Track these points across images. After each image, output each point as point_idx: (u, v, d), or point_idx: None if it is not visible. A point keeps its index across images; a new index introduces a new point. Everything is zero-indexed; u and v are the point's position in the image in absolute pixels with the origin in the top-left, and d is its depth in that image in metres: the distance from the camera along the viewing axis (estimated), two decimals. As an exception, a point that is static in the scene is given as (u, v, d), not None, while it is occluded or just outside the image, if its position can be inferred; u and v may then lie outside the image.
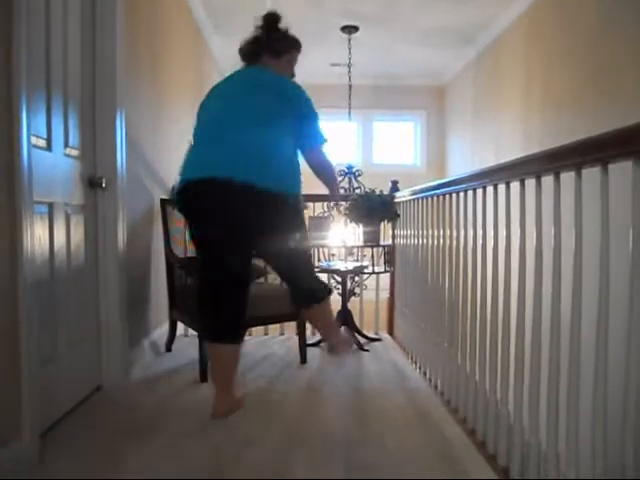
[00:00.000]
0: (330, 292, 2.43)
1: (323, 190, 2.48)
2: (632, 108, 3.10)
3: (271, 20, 2.35)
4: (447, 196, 2.55)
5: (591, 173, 1.35)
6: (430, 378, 2.75)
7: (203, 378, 2.67)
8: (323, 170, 2.32)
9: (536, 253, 1.63)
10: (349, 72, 5.53)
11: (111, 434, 2.07)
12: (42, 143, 2.00)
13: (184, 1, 4.25)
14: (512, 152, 4.81)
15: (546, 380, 1.57)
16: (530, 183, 1.66)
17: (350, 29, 5.26)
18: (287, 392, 2.58)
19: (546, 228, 1.59)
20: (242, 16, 2.34)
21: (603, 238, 1.32)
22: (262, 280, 3.44)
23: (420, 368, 2.96)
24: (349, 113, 5.72)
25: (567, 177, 1.47)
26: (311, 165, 2.28)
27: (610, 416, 1.32)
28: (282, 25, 2.37)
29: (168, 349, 3.24)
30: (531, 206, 1.65)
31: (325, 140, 2.27)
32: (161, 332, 3.34)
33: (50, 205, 2.07)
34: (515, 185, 1.77)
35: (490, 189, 2.00)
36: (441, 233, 2.64)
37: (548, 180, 1.55)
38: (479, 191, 2.11)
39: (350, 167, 5.42)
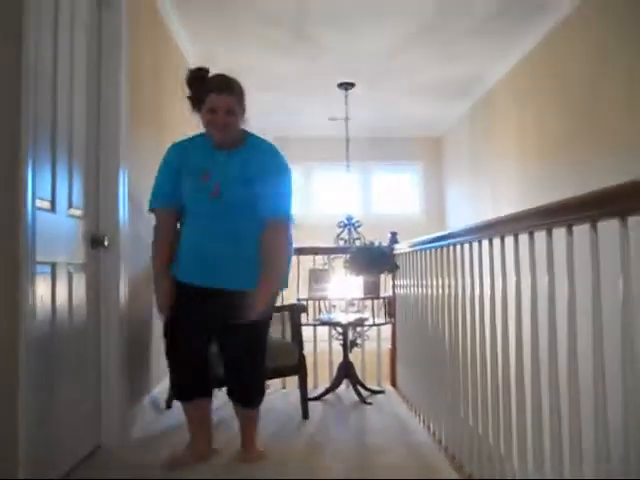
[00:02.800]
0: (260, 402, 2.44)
1: (323, 242, 2.51)
2: (625, 158, 3.17)
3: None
4: (444, 249, 2.58)
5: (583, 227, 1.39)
6: (434, 432, 2.72)
7: (204, 436, 2.63)
8: None
9: (531, 305, 1.65)
10: (346, 126, 5.66)
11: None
12: (46, 205, 2.05)
13: (184, 60, 4.40)
14: (509, 202, 4.89)
15: (548, 433, 1.56)
16: (523, 238, 1.70)
17: (347, 85, 5.41)
18: (289, 450, 2.54)
19: (541, 280, 1.62)
20: (241, 76, 2.43)
21: (594, 290, 1.34)
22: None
23: (424, 421, 2.92)
24: (347, 165, 5.83)
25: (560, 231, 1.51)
26: None
27: (613, 465, 1.31)
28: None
29: (168, 406, 3.20)
30: (525, 259, 1.68)
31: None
32: (162, 388, 3.31)
33: (53, 265, 2.10)
34: (511, 238, 1.80)
35: (485, 243, 2.03)
36: (440, 285, 2.66)
37: (542, 235, 1.59)
38: (475, 244, 2.14)
39: (350, 218, 5.49)
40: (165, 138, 3.69)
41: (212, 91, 2.16)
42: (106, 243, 2.49)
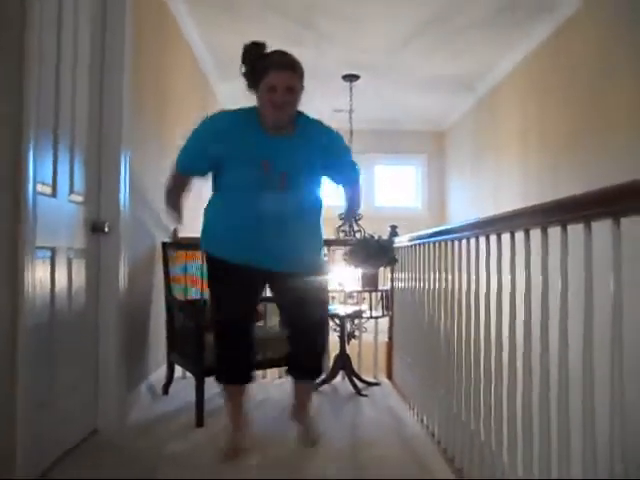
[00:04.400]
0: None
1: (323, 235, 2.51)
2: (627, 156, 3.17)
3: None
4: (443, 243, 2.59)
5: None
6: (427, 425, 2.74)
7: (199, 423, 2.66)
8: None
9: (524, 303, 1.66)
10: (350, 118, 5.66)
11: (107, 479, 2.06)
12: (47, 190, 2.06)
13: (189, 46, 4.39)
14: (510, 198, 4.89)
15: (538, 429, 1.58)
16: (520, 235, 1.71)
17: (351, 77, 5.41)
18: (283, 441, 2.56)
19: (535, 278, 1.63)
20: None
21: (587, 287, 1.35)
22: (261, 323, 3.46)
23: (418, 414, 2.95)
24: (350, 157, 5.82)
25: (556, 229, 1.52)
26: None
27: (601, 464, 1.33)
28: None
29: (165, 392, 3.23)
30: (521, 257, 1.70)
31: None
32: (159, 374, 3.34)
33: (53, 250, 2.12)
34: (508, 235, 1.81)
35: (482, 239, 2.04)
36: (437, 279, 2.67)
37: (538, 232, 1.60)
38: (472, 241, 2.15)
39: (351, 210, 5.48)
40: (168, 123, 3.71)
41: (272, 68, 2.03)
42: (106, 229, 2.50)
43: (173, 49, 3.93)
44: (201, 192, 2.60)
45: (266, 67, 2.04)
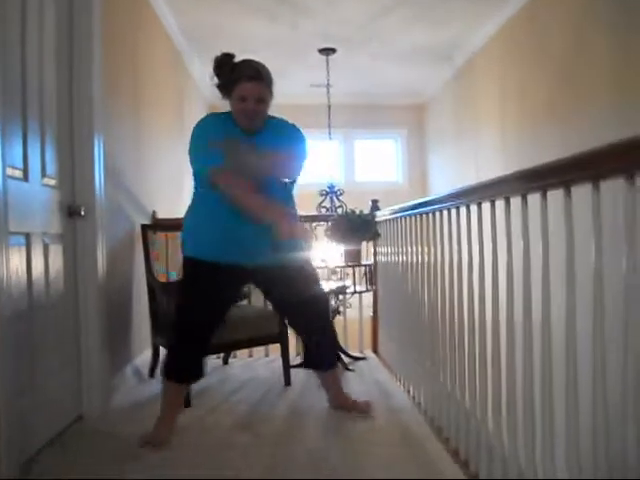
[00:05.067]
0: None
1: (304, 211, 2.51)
2: (604, 124, 3.18)
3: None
4: (425, 215, 2.59)
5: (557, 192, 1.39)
6: (414, 396, 2.76)
7: (186, 404, 2.65)
8: None
9: (507, 270, 1.66)
10: (328, 93, 5.59)
11: (92, 464, 2.05)
12: (18, 174, 2.01)
13: (162, 25, 4.29)
14: (492, 168, 4.89)
15: (521, 398, 1.59)
16: (500, 204, 1.70)
17: (328, 51, 5.33)
18: (271, 416, 2.57)
19: (516, 245, 1.63)
20: (221, 41, 2.40)
21: (568, 253, 1.35)
22: (245, 302, 3.45)
23: (404, 386, 2.97)
24: (329, 133, 5.78)
25: (536, 196, 1.51)
26: None
27: (583, 432, 1.34)
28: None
29: (151, 375, 3.21)
30: (501, 225, 1.69)
31: None
32: (144, 358, 3.32)
33: (27, 235, 2.07)
34: (489, 205, 1.81)
35: (463, 209, 2.03)
36: (420, 251, 2.67)
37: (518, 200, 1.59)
38: (453, 211, 2.14)
39: (332, 186, 5.47)
40: (144, 104, 3.63)
41: (242, 79, 2.14)
42: (82, 213, 2.45)
43: (147, 28, 3.84)
44: (182, 169, 2.55)
45: (236, 79, 2.15)
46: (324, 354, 2.61)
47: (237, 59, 2.20)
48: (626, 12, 3.07)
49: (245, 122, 2.21)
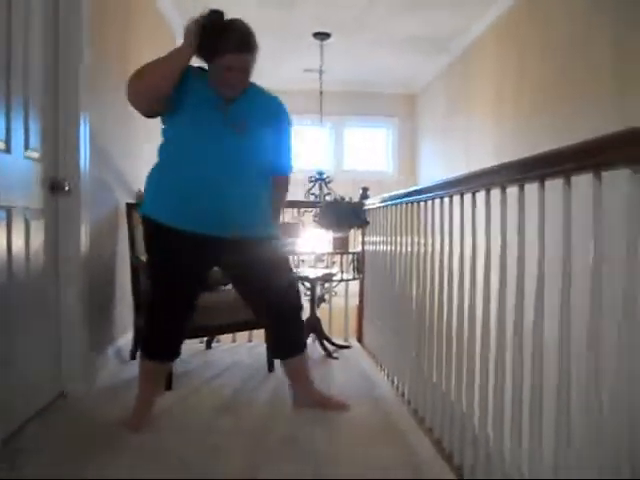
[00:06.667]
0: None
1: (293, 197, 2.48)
2: (605, 116, 3.14)
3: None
4: (415, 204, 2.55)
5: (557, 182, 1.36)
6: (398, 387, 2.75)
7: (167, 386, 2.61)
8: None
9: (500, 262, 1.63)
10: (320, 79, 5.53)
11: (74, 442, 2.02)
12: (1, 145, 1.94)
13: (154, 4, 4.19)
14: (483, 160, 4.86)
15: (510, 390, 1.57)
16: (495, 193, 1.67)
17: (322, 36, 5.25)
18: (253, 402, 2.54)
19: (511, 236, 1.60)
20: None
21: (565, 246, 1.33)
22: (229, 287, 3.40)
23: (388, 376, 2.95)
24: (320, 119, 5.72)
25: (533, 187, 1.48)
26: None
27: (574, 427, 1.33)
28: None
29: (133, 357, 3.16)
30: (496, 215, 1.66)
31: None
32: (126, 339, 3.27)
33: (8, 210, 2.00)
34: (483, 194, 1.77)
35: (457, 199, 2.00)
36: (409, 241, 2.64)
37: (515, 190, 1.56)
38: (446, 200, 2.11)
39: (321, 173, 5.42)
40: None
41: (230, 49, 1.99)
42: (66, 188, 2.39)
43: (138, 5, 3.74)
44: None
45: (224, 48, 2.00)
46: (288, 340, 2.45)
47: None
48: (629, 2, 3.02)
49: (229, 92, 2.09)
